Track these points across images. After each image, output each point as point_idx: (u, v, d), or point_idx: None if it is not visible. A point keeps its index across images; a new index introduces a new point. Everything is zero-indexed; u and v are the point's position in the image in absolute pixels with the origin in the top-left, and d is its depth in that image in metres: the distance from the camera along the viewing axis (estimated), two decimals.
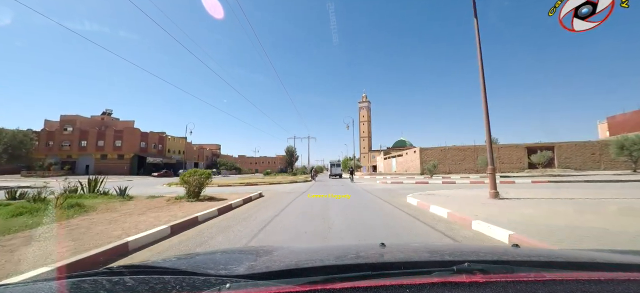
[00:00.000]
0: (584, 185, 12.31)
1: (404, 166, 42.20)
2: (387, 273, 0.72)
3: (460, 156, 33.95)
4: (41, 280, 0.71)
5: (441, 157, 34.07)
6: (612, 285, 0.63)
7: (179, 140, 66.61)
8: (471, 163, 33.34)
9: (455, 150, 34.23)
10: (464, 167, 33.57)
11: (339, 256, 1.08)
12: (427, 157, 34.96)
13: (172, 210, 6.18)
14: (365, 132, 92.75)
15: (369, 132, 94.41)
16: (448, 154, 34.32)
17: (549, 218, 4.61)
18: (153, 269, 0.80)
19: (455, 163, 33.92)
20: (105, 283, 0.65)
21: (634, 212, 5.24)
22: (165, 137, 60.32)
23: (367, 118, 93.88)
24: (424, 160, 35.01)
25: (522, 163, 31.73)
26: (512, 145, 32.78)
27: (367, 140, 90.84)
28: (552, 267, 0.83)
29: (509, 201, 6.97)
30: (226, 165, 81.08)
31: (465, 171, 33.31)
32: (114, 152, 50.84)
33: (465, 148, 34.07)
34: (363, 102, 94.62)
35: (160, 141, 58.54)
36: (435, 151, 34.89)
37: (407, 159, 40.82)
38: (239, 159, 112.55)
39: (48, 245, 3.46)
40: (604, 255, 0.99)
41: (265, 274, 0.74)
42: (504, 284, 0.62)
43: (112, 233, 4.01)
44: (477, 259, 0.86)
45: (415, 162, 36.98)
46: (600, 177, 17.77)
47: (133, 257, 3.32)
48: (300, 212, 6.57)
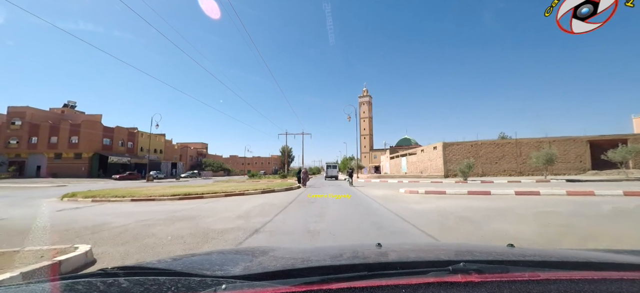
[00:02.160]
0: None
1: (418, 166, 34.37)
2: (384, 273, 0.72)
3: (497, 153, 26.20)
4: (34, 282, 0.69)
5: (471, 155, 26.30)
6: (605, 284, 0.64)
7: (156, 137, 58.41)
8: (511, 162, 25.62)
9: (490, 146, 26.48)
10: (502, 168, 25.84)
11: (335, 256, 1.08)
12: (453, 155, 27.18)
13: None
14: (366, 130, 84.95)
15: (371, 130, 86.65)
16: (480, 151, 26.57)
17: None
18: (148, 270, 0.80)
19: (490, 162, 26.18)
20: (99, 284, 0.64)
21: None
22: (137, 133, 52.15)
23: (368, 114, 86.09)
24: (448, 159, 27.19)
25: (583, 162, 24.03)
26: (568, 139, 25.11)
27: (368, 139, 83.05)
28: (547, 266, 0.84)
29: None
30: (212, 166, 73.04)
31: (504, 172, 25.57)
32: (70, 150, 42.60)
33: (503, 144, 26.33)
34: (363, 97, 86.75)
35: (131, 138, 50.38)
36: (462, 147, 27.12)
37: (423, 158, 33.00)
38: (230, 159, 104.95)
39: None
40: (597, 255, 1.01)
41: (261, 275, 0.74)
42: (499, 284, 0.62)
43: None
44: (472, 259, 0.86)
45: (435, 162, 29.17)
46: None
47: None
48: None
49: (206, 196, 10.50)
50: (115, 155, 45.36)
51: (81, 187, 18.15)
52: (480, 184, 16.17)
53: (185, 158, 71.58)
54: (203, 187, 14.22)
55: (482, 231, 4.41)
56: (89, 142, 42.63)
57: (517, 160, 25.44)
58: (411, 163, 37.64)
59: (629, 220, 5.14)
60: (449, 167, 27.06)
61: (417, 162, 35.08)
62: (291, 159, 79.31)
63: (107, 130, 45.78)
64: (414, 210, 6.69)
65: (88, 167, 42.31)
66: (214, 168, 73.37)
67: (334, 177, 32.74)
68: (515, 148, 25.71)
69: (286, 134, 49.66)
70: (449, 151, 27.33)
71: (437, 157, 28.91)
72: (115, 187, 17.45)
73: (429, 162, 31.11)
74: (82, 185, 21.58)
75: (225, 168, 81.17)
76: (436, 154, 29.12)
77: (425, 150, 32.66)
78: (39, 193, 13.12)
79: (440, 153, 27.86)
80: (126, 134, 49.54)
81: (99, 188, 15.53)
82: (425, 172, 31.73)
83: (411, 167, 37.55)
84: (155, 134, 58.29)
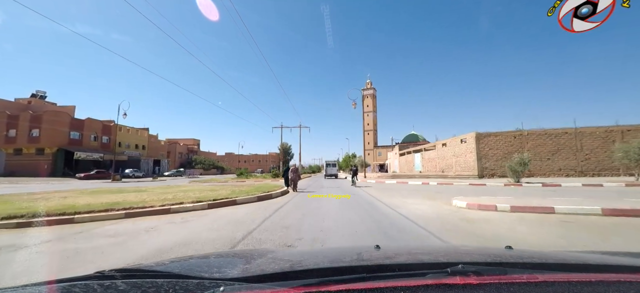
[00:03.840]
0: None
1: (438, 164, 28.39)
2: (382, 275, 0.72)
3: (549, 147, 20.22)
4: (30, 285, 0.68)
5: (514, 149, 20.34)
6: (603, 286, 0.63)
7: (139, 132, 52.69)
8: (569, 158, 19.65)
9: (540, 138, 20.47)
10: (556, 166, 19.88)
11: (333, 259, 1.08)
12: (489, 149, 21.19)
13: None
14: (370, 125, 78.89)
15: (375, 125, 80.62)
16: (527, 143, 20.58)
17: None
18: (146, 273, 0.80)
19: (541, 158, 20.20)
20: (96, 287, 0.63)
21: None
22: (114, 127, 46.23)
23: (372, 108, 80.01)
24: (484, 154, 21.21)
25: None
26: (600, 130, 19.08)
27: (372, 135, 77.00)
28: (545, 268, 0.84)
29: None
30: (203, 164, 67.30)
31: (559, 172, 19.58)
32: (31, 144, 36.84)
33: (558, 134, 20.31)
34: (367, 90, 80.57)
35: (106, 131, 44.60)
36: (502, 138, 21.13)
37: (445, 153, 27.02)
38: (226, 157, 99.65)
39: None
40: (595, 257, 1.01)
41: (259, 277, 0.73)
42: (497, 286, 0.62)
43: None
44: (470, 261, 0.85)
45: (463, 157, 23.20)
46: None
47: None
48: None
49: (114, 213, 4.65)
50: (86, 150, 39.61)
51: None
52: (547, 190, 10.21)
53: (174, 155, 65.85)
54: (141, 194, 8.41)
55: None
56: (53, 136, 36.82)
57: (577, 155, 19.45)
58: (428, 160, 31.67)
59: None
60: (484, 165, 21.10)
61: (436, 158, 29.10)
62: (290, 157, 73.16)
63: (76, 122, 40.00)
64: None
65: (51, 165, 36.56)
66: (205, 166, 67.68)
67: (334, 175, 33.93)
68: (574, 140, 19.71)
69: (281, 127, 43.81)
70: (483, 144, 21.34)
71: (466, 151, 22.93)
72: (46, 189, 11.67)
73: (454, 158, 25.12)
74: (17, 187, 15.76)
75: (218, 166, 75.54)
76: (465, 148, 23.13)
77: (448, 143, 26.65)
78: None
79: (472, 146, 21.86)
80: (100, 128, 43.75)
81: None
82: (449, 170, 25.79)
83: (428, 165, 31.58)
84: (138, 128, 52.60)
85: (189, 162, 67.83)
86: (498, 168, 20.70)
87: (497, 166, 20.74)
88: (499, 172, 20.63)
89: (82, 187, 15.17)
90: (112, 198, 7.79)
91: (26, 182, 23.51)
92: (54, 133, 36.87)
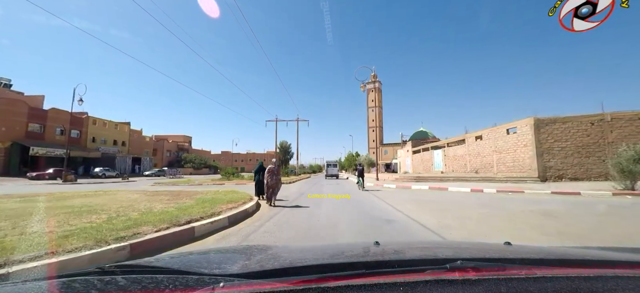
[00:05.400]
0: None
1: (470, 162, 22.52)
2: (381, 271, 0.72)
3: None
4: (31, 280, 0.69)
5: (593, 139, 14.44)
6: (601, 280, 0.64)
7: (118, 126, 47.13)
8: None
9: (632, 123, 14.46)
10: None
11: (333, 254, 1.07)
12: (554, 140, 15.31)
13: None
14: (375, 121, 72.94)
15: (380, 121, 74.70)
16: (612, 132, 14.62)
17: None
18: (145, 268, 0.79)
19: None
20: (96, 282, 0.64)
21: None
22: (87, 119, 40.84)
23: (377, 102, 74.05)
24: (547, 148, 15.34)
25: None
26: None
27: (377, 132, 70.81)
28: (543, 263, 0.83)
29: None
30: (194, 162, 61.69)
31: None
32: None
33: None
34: (372, 83, 74.52)
35: (76, 125, 39.00)
36: (574, 125, 15.20)
37: (481, 149, 21.15)
38: (222, 155, 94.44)
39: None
40: (593, 252, 1.02)
41: (259, 273, 0.73)
42: (496, 281, 0.62)
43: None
44: (469, 257, 0.85)
45: (513, 153, 17.34)
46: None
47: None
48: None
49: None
50: (48, 145, 34.05)
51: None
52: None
53: (161, 153, 60.26)
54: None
55: None
56: (6, 128, 31.25)
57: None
58: (454, 158, 25.78)
59: None
60: (547, 162, 15.22)
61: (467, 155, 23.22)
62: (290, 156, 67.32)
63: (37, 113, 34.46)
64: None
65: (5, 161, 31.01)
66: (196, 164, 62.04)
67: (335, 176, 33.87)
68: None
69: (276, 120, 38.01)
70: (546, 134, 15.43)
71: (516, 145, 17.03)
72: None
73: (495, 154, 19.23)
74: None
75: (211, 165, 69.76)
76: (514, 141, 17.23)
77: (485, 135, 20.74)
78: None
79: (528, 138, 15.95)
80: (68, 120, 38.02)
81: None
82: (487, 171, 19.92)
83: (453, 164, 25.70)
84: (117, 122, 47.03)
85: (178, 160, 62.25)
86: (568, 168, 14.85)
87: (568, 164, 14.88)
88: (570, 172, 14.77)
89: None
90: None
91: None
92: (8, 125, 31.28)
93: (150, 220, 4.11)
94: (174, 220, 4.11)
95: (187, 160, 61.41)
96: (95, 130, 42.20)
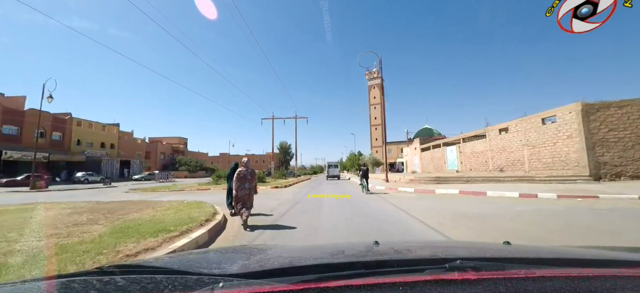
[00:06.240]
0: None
1: (493, 159, 19.70)
2: (381, 271, 0.72)
3: None
4: (30, 280, 0.69)
5: None
6: (601, 280, 0.64)
7: (106, 128, 44.42)
8: None
9: None
10: None
11: (333, 254, 1.07)
12: (609, 130, 12.48)
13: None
14: (377, 119, 70.08)
15: (383, 119, 71.61)
16: None
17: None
18: (145, 269, 0.80)
19: None
20: (95, 283, 0.64)
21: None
22: (70, 121, 38.12)
23: (379, 99, 71.07)
24: (600, 138, 12.50)
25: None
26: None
27: (380, 130, 67.87)
28: (543, 263, 0.83)
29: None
30: (189, 165, 58.92)
31: None
32: None
33: None
34: (374, 79, 71.66)
35: (58, 127, 36.33)
36: (635, 111, 12.28)
37: (505, 144, 18.32)
38: (220, 158, 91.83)
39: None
40: (592, 252, 1.01)
41: (258, 273, 0.73)
42: (495, 281, 0.62)
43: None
44: (469, 257, 0.85)
45: (552, 147, 14.53)
46: None
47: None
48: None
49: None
50: (26, 150, 31.31)
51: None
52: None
53: (155, 156, 57.57)
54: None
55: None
56: None
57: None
58: (472, 154, 22.95)
59: None
60: (600, 157, 12.36)
61: (488, 151, 20.37)
62: (290, 157, 64.51)
63: (13, 114, 31.73)
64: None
65: None
66: (192, 167, 59.24)
67: (336, 176, 33.64)
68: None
69: (273, 118, 35.21)
70: (597, 122, 12.57)
71: (557, 136, 14.19)
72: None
73: (527, 149, 16.37)
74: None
75: (207, 167, 66.97)
76: (554, 132, 14.39)
77: (511, 128, 17.86)
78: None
79: (575, 127, 13.11)
80: (50, 121, 35.41)
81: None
82: (515, 168, 17.07)
83: (471, 161, 22.87)
84: (104, 124, 44.31)
85: (172, 164, 59.55)
86: (629, 163, 12.01)
87: (627, 159, 12.04)
88: (631, 169, 11.93)
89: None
90: None
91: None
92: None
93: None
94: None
95: (181, 163, 58.64)
96: (80, 132, 39.52)
